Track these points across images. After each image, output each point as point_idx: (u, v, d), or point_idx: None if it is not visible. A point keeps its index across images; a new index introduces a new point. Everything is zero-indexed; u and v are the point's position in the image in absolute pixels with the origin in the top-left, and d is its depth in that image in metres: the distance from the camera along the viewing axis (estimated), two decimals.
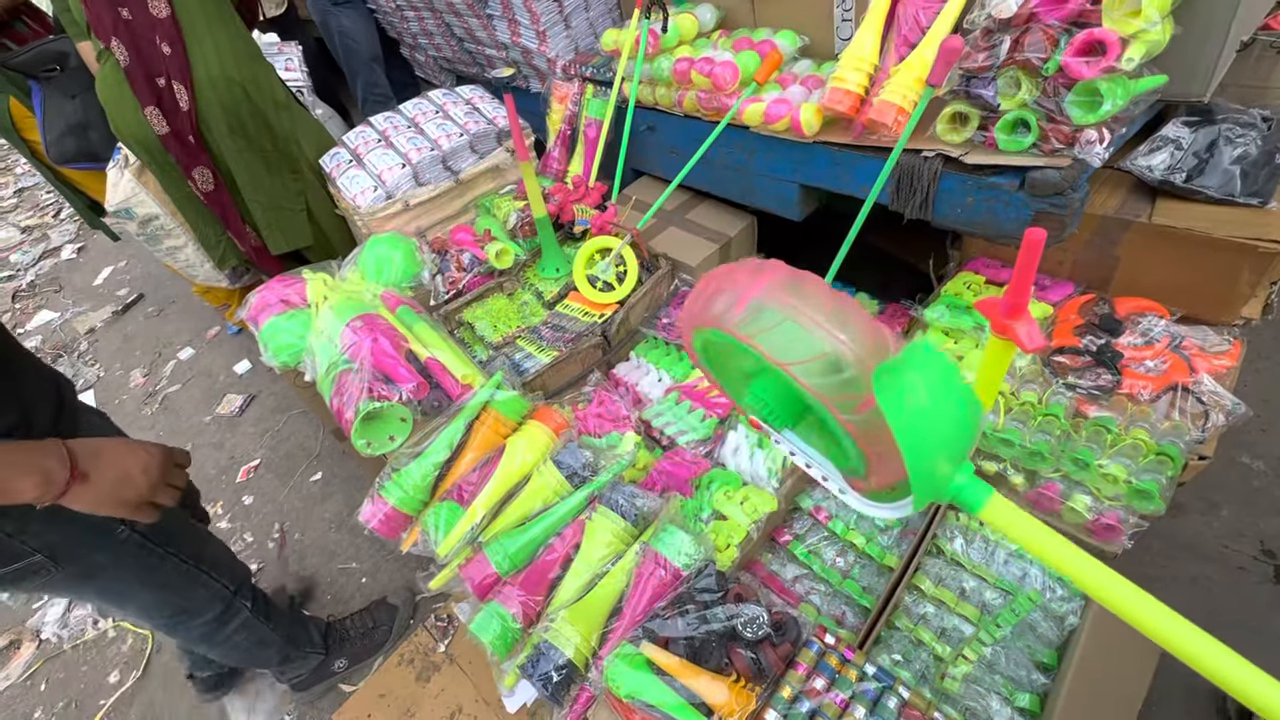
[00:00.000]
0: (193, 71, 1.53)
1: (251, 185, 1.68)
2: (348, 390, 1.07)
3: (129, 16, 1.46)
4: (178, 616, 1.17)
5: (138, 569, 1.06)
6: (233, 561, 1.27)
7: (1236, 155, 1.14)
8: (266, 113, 1.61)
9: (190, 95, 1.53)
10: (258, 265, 1.89)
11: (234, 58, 1.55)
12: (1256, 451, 1.45)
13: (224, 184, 1.68)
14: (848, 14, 1.31)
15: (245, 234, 1.78)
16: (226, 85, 1.55)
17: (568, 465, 1.01)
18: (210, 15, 1.53)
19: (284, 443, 2.11)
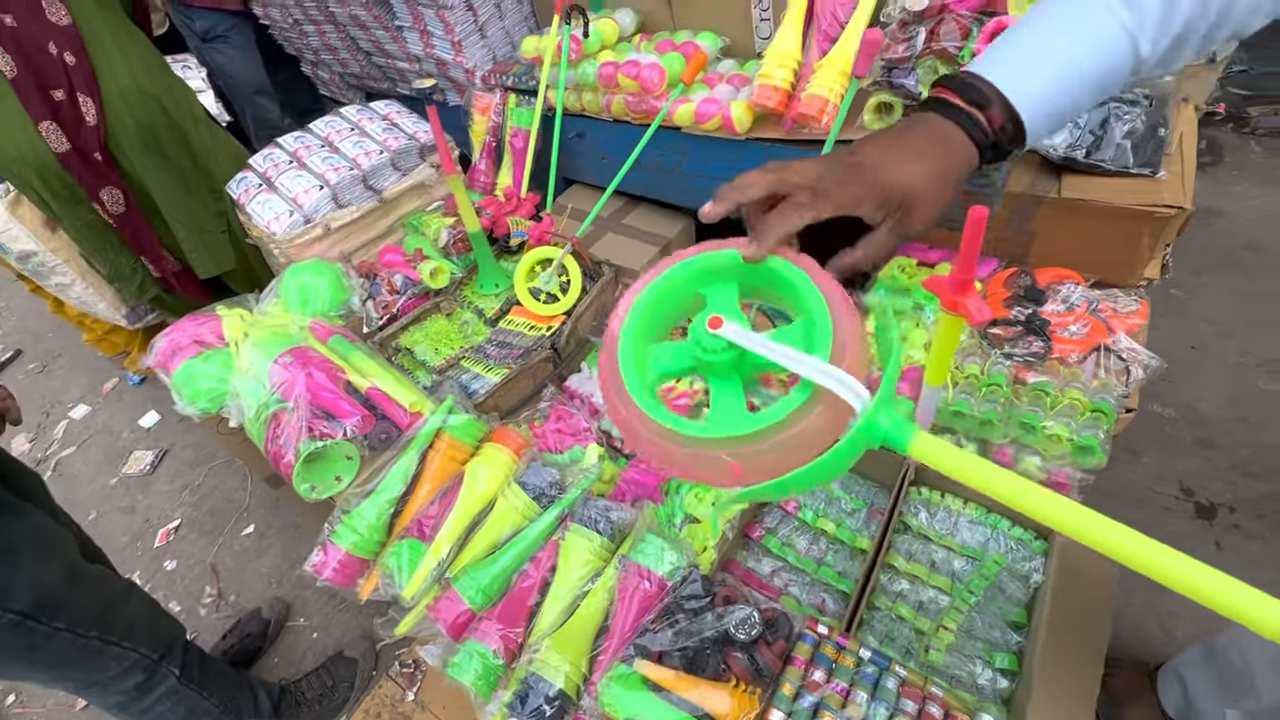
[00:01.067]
0: (101, 83, 1.38)
1: (172, 205, 1.54)
2: (284, 432, 0.99)
3: (13, 24, 1.30)
4: (88, 689, 1.04)
5: (19, 649, 0.93)
6: (155, 623, 1.13)
7: (1126, 131, 1.24)
8: (184, 127, 1.48)
9: (98, 108, 1.39)
10: (179, 291, 1.73)
11: (145, 69, 1.42)
12: (1165, 400, 1.58)
13: (137, 205, 1.53)
14: (765, 14, 1.34)
15: (163, 258, 1.63)
16: (140, 98, 1.41)
17: (534, 486, 0.96)
18: (114, 24, 1.39)
19: (207, 498, 1.93)
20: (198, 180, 1.54)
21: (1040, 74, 0.48)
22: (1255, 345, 1.69)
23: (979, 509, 1.11)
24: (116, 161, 1.47)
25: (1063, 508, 0.37)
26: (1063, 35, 0.48)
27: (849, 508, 1.18)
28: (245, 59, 2.17)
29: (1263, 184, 2.19)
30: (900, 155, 0.47)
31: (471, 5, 1.62)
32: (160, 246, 1.60)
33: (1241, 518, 1.36)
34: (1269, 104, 2.56)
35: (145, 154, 1.47)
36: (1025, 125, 0.48)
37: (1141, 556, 0.35)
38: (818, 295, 0.44)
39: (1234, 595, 0.33)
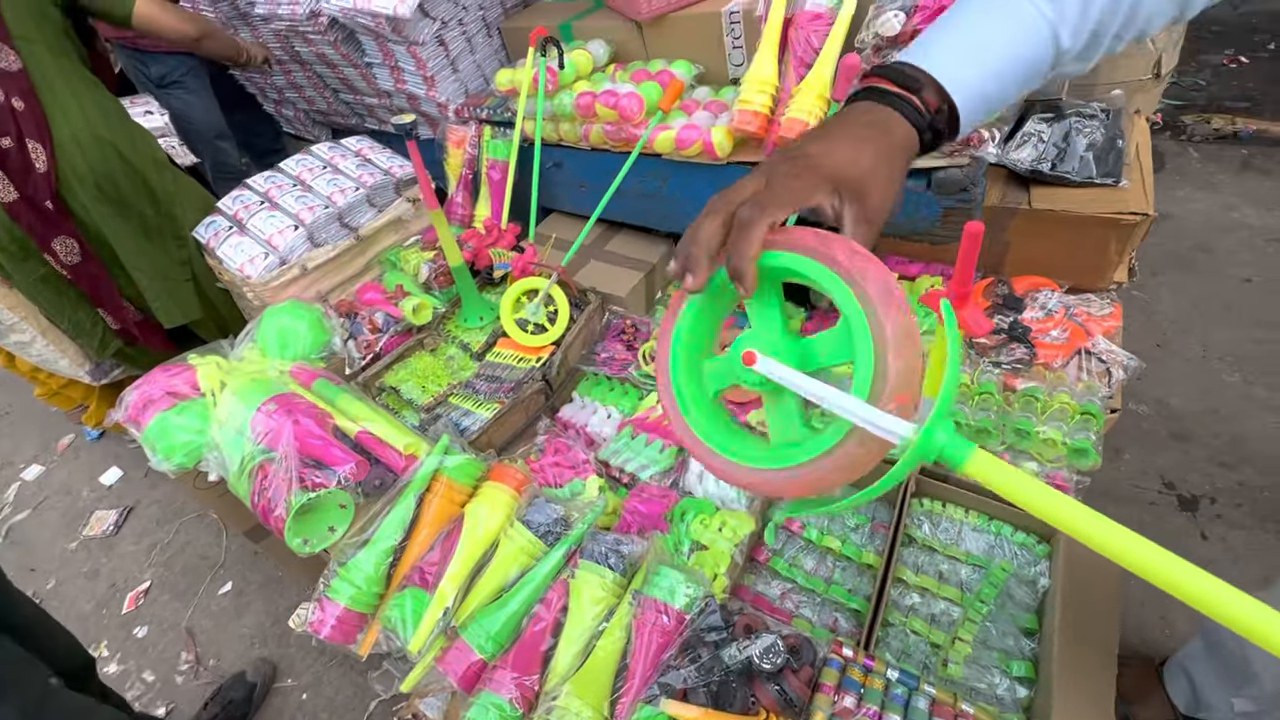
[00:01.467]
0: (53, 128, 1.33)
1: (133, 253, 1.48)
2: (273, 484, 0.94)
3: None
4: None
5: None
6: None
7: (1087, 143, 1.29)
8: (146, 173, 1.43)
9: (49, 154, 1.33)
10: (142, 342, 1.65)
11: (102, 115, 1.37)
12: (1140, 398, 1.64)
13: (94, 254, 1.46)
14: (738, 41, 1.37)
15: (123, 308, 1.56)
16: (96, 145, 1.36)
17: (538, 523, 0.94)
18: (68, 71, 1.34)
19: (178, 556, 1.83)
20: (160, 227, 1.49)
21: (969, 60, 0.49)
22: (1214, 340, 1.77)
23: (981, 516, 1.12)
24: (70, 209, 1.42)
25: (1132, 542, 0.36)
26: (989, 25, 0.50)
27: (852, 523, 1.18)
28: (202, 103, 2.12)
29: (1203, 188, 2.32)
30: (841, 143, 0.47)
31: (443, 40, 1.62)
32: (120, 297, 1.53)
33: (1223, 507, 1.40)
34: (1200, 113, 2.73)
35: (101, 201, 1.42)
36: (958, 109, 0.49)
37: (1201, 592, 0.34)
38: (850, 299, 0.42)
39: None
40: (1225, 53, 3.08)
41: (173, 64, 1.97)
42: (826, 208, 0.46)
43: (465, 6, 1.63)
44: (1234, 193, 2.26)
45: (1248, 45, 3.09)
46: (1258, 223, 2.12)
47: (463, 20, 1.64)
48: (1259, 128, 2.57)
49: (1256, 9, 3.34)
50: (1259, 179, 2.31)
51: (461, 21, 1.64)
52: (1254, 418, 1.56)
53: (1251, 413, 1.58)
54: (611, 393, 1.36)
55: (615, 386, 1.38)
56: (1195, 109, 2.76)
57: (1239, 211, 2.17)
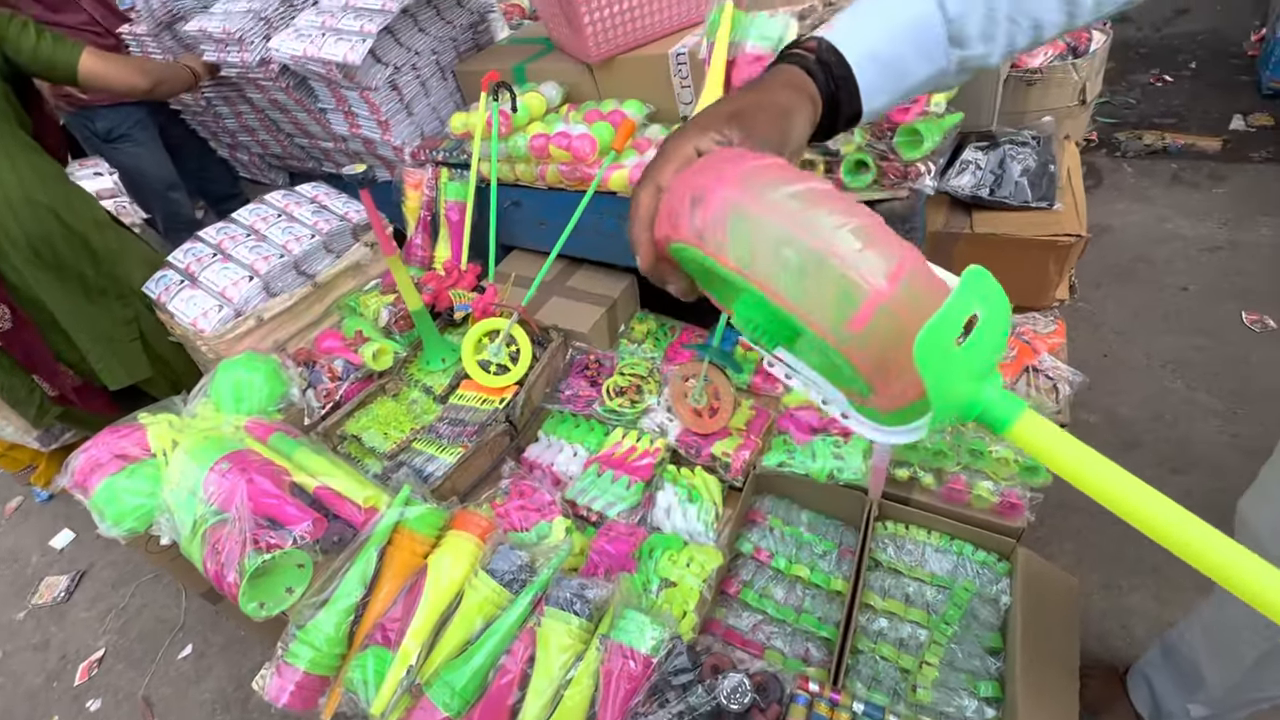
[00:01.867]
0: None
1: (72, 316, 1.44)
2: (225, 548, 0.92)
3: None
4: None
5: None
6: None
7: (1021, 169, 1.36)
8: (86, 234, 1.41)
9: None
10: (80, 408, 1.60)
11: (38, 179, 1.34)
12: (1089, 408, 1.70)
13: (26, 320, 1.42)
14: (685, 81, 1.41)
15: (59, 373, 1.51)
16: (30, 209, 1.33)
17: (503, 572, 0.93)
18: (3, 135, 1.31)
19: (134, 620, 1.75)
20: (103, 287, 1.46)
21: (852, 19, 0.51)
22: (1157, 348, 1.84)
23: (943, 537, 1.14)
24: (3, 275, 1.38)
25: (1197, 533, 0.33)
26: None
27: (820, 550, 1.19)
28: (152, 155, 2.07)
29: (1138, 201, 2.43)
30: (721, 101, 0.48)
31: (396, 85, 1.63)
32: (56, 362, 1.49)
33: None
34: (1132, 130, 2.88)
35: (37, 265, 1.39)
36: (844, 55, 0.50)
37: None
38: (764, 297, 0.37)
39: None
40: (1152, 72, 3.26)
41: (119, 117, 1.93)
42: (709, 145, 0.45)
43: (418, 51, 1.65)
44: (1166, 205, 2.38)
45: (1171, 65, 3.28)
46: (1190, 233, 2.23)
47: (416, 65, 1.66)
48: (1186, 142, 2.72)
49: (1177, 31, 3.56)
50: (1188, 191, 2.44)
51: (415, 66, 1.66)
52: (1198, 422, 1.63)
53: (1196, 417, 1.64)
54: (577, 430, 1.36)
55: (581, 423, 1.38)
56: (1128, 126, 2.91)
57: (1172, 223, 2.29)
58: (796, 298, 0.36)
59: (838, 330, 0.35)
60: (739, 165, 0.39)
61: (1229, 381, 1.71)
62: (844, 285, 0.34)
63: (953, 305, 0.33)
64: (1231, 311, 1.90)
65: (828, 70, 0.49)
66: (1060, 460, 0.35)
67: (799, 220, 0.36)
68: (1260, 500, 0.83)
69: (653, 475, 1.23)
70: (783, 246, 0.36)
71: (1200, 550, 0.32)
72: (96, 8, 1.88)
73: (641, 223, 0.44)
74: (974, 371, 0.35)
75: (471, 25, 1.81)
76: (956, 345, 0.33)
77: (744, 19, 1.22)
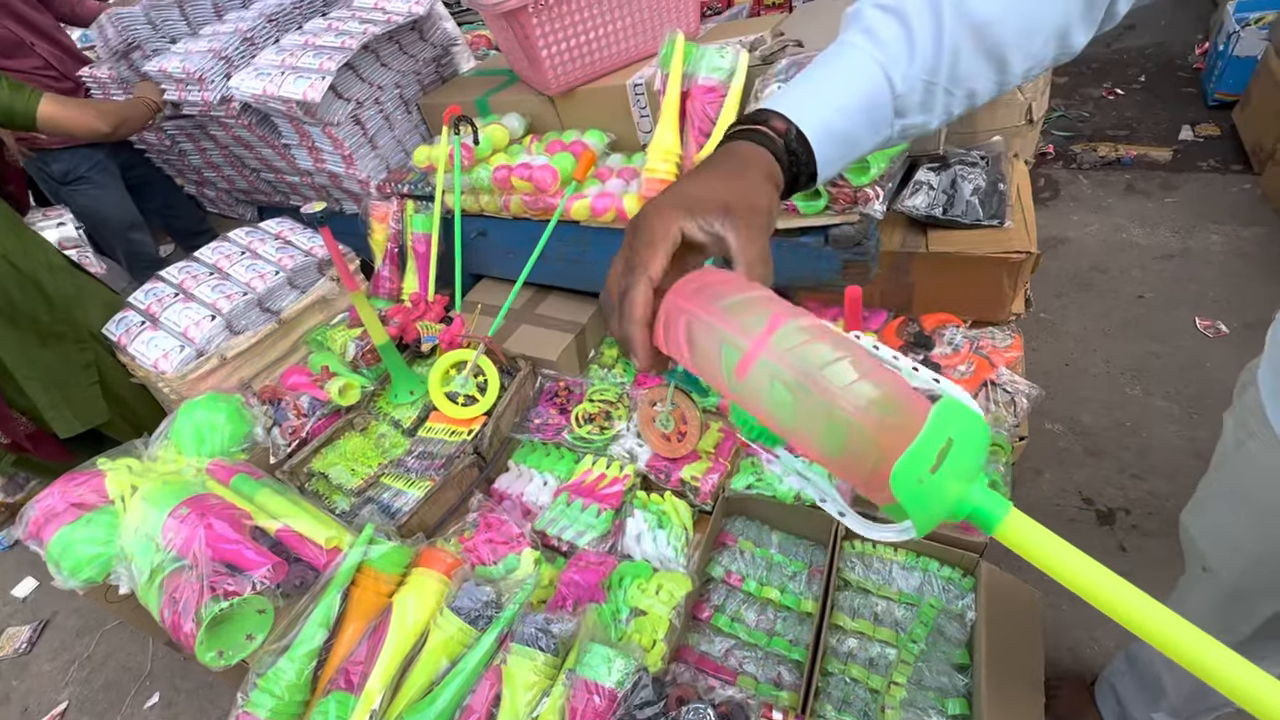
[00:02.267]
0: None
1: (24, 363, 1.41)
2: (182, 595, 0.90)
3: None
4: None
5: None
6: None
7: (972, 189, 1.40)
8: (39, 279, 1.39)
9: None
10: (34, 454, 1.56)
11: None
12: (1053, 417, 1.73)
13: None
14: (644, 111, 1.44)
15: (12, 420, 1.48)
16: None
17: (467, 609, 0.92)
18: None
19: (99, 670, 1.70)
20: (59, 332, 1.43)
21: (810, 95, 0.52)
22: (1115, 355, 1.89)
23: (908, 554, 1.15)
24: None
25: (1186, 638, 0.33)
26: (826, 69, 0.53)
27: (790, 571, 1.19)
28: (112, 196, 2.04)
29: (1095, 212, 2.51)
30: (690, 179, 0.48)
31: (359, 120, 1.64)
32: (8, 409, 1.46)
33: (1138, 518, 1.48)
34: (1087, 142, 2.98)
35: None
36: (806, 136, 0.50)
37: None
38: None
39: None
40: (1104, 86, 3.38)
41: (76, 159, 1.91)
42: (697, 234, 0.45)
43: (381, 86, 1.67)
44: (1122, 215, 2.46)
45: (1122, 78, 3.40)
46: (1145, 242, 2.30)
47: (379, 99, 1.67)
48: (1138, 153, 2.81)
49: (1126, 45, 3.70)
50: (1142, 200, 2.52)
51: (378, 100, 1.67)
52: (1157, 427, 1.67)
53: (1155, 423, 1.68)
54: (547, 458, 1.36)
55: (551, 451, 1.38)
56: (1083, 139, 3.01)
57: (1128, 232, 2.36)
58: (791, 427, 0.38)
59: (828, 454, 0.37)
60: (771, 327, 0.39)
61: (1185, 386, 1.76)
62: (834, 421, 0.37)
63: (924, 440, 0.35)
64: (1185, 317, 1.96)
65: (794, 158, 0.51)
66: (1047, 559, 0.36)
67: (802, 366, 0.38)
68: (1196, 511, 0.86)
69: (622, 502, 1.23)
70: (775, 381, 0.38)
71: (1191, 653, 0.33)
72: (52, 52, 1.87)
73: (637, 324, 0.43)
74: (960, 476, 0.36)
75: (435, 58, 1.83)
76: (931, 473, 0.35)
77: (695, 51, 1.26)
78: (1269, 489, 0.70)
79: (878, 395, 0.36)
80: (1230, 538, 0.79)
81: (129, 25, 1.72)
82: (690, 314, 0.42)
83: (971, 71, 0.52)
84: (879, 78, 0.51)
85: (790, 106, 0.51)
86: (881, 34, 0.51)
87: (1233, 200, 2.40)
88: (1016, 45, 0.51)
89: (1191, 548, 0.87)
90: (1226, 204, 2.39)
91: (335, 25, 1.61)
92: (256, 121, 1.67)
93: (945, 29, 0.50)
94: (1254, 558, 0.76)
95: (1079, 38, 0.52)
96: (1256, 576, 0.77)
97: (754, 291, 0.42)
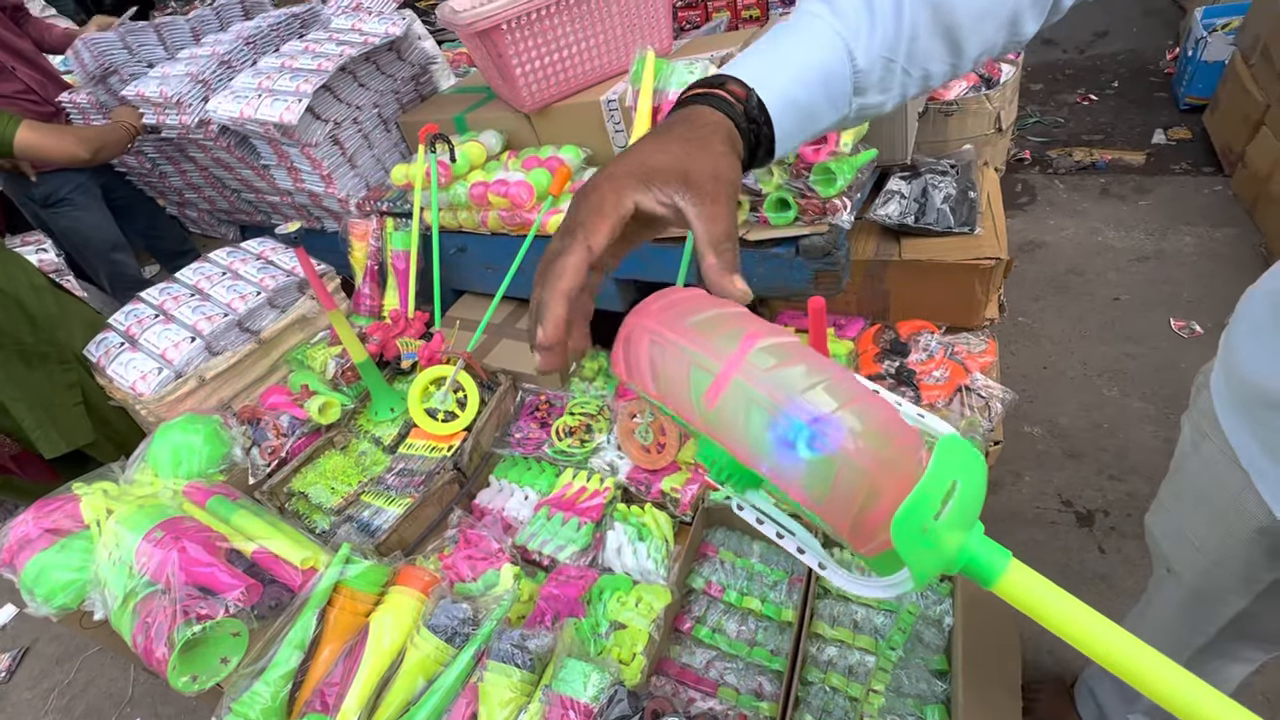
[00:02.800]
0: None
1: (8, 384, 1.41)
2: (155, 620, 0.90)
3: None
4: None
5: None
6: None
7: (943, 196, 1.42)
8: (22, 298, 1.38)
9: None
10: (21, 476, 1.55)
11: None
12: (1032, 420, 1.75)
13: None
14: (619, 126, 1.46)
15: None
16: None
17: (444, 627, 0.92)
18: None
19: (80, 697, 1.68)
20: (43, 353, 1.43)
21: (769, 63, 0.50)
22: (1092, 357, 1.91)
23: None
24: None
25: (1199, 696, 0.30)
26: (786, 38, 0.52)
27: (770, 580, 1.20)
28: (94, 218, 2.04)
29: (1070, 216, 2.55)
30: (643, 145, 0.45)
31: (338, 140, 1.65)
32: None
33: (1116, 519, 1.50)
34: (1062, 147, 3.02)
35: None
36: (765, 103, 0.48)
37: None
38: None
39: None
40: (1078, 92, 3.44)
41: (58, 182, 1.91)
42: (654, 206, 0.41)
43: (359, 106, 1.68)
44: (1097, 218, 2.49)
45: (1096, 84, 3.46)
46: (1120, 245, 2.34)
47: (357, 119, 1.68)
48: (1112, 157, 2.86)
49: (1099, 52, 3.77)
50: (1116, 204, 2.56)
51: (356, 120, 1.68)
52: (1135, 429, 1.69)
53: (1132, 424, 1.70)
54: (528, 473, 1.36)
55: (532, 465, 1.38)
56: (1058, 144, 3.05)
57: (1103, 235, 2.39)
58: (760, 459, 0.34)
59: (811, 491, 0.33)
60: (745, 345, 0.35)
61: (1162, 387, 1.78)
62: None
63: (929, 483, 0.31)
64: (1160, 319, 1.99)
65: (755, 126, 0.48)
66: (1051, 615, 0.33)
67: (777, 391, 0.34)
68: (1159, 513, 0.87)
69: (603, 515, 1.23)
70: (752, 406, 0.34)
71: (1197, 709, 0.30)
72: (32, 76, 1.88)
73: (559, 293, 0.39)
74: (960, 524, 0.33)
75: (414, 77, 1.85)
76: (935, 520, 0.32)
77: (666, 67, 1.27)
78: (1223, 491, 0.71)
79: (868, 425, 0.32)
80: (1191, 539, 0.80)
81: (105, 51, 1.73)
82: (654, 333, 0.38)
83: (928, 51, 0.52)
84: (840, 50, 0.50)
85: (749, 73, 0.48)
86: (843, 4, 0.50)
87: (1205, 202, 2.44)
88: (971, 28, 0.51)
89: (1156, 549, 0.88)
90: (1199, 206, 2.43)
91: (312, 47, 1.62)
92: (235, 143, 1.68)
93: (905, 6, 0.49)
94: (1214, 558, 0.77)
95: (1029, 26, 0.53)
96: (1218, 577, 0.78)
97: (726, 307, 0.38)
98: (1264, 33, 2.33)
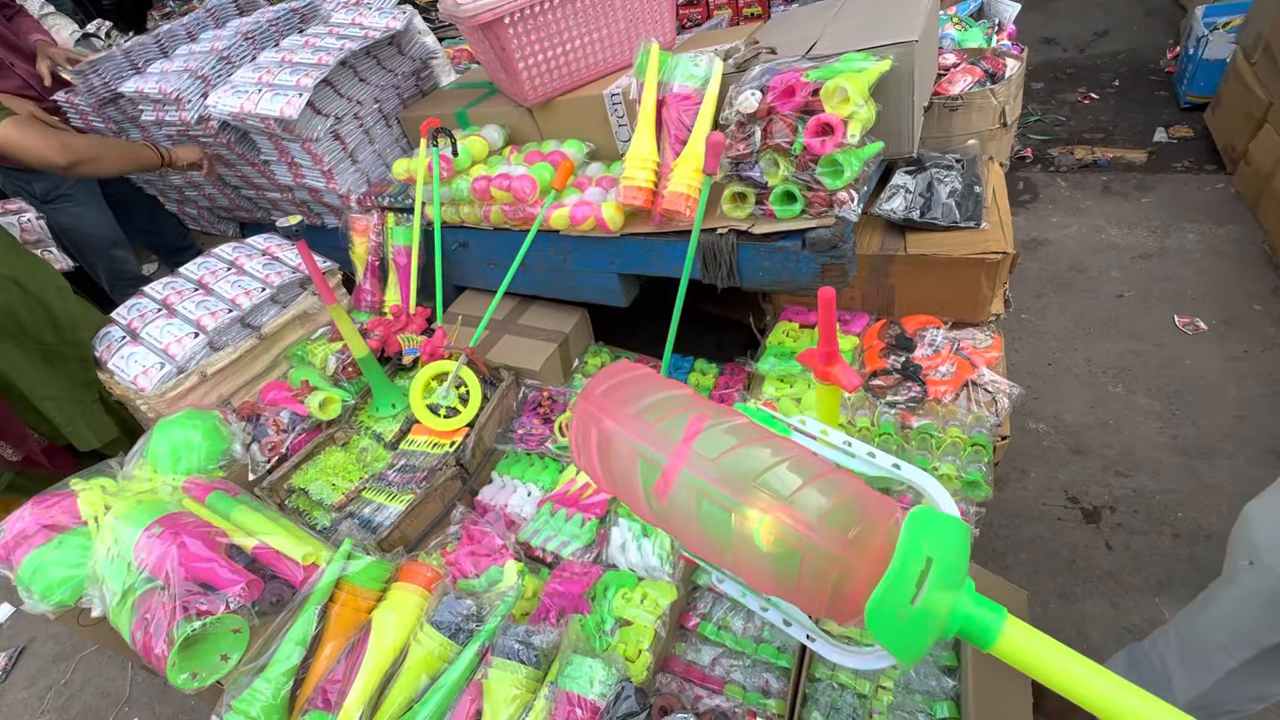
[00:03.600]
0: None
1: (37, 383, 1.41)
2: (154, 616, 0.88)
3: None
4: None
5: None
6: None
7: (949, 191, 1.41)
8: (48, 300, 1.38)
9: None
10: (49, 468, 1.54)
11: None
12: (1037, 416, 1.74)
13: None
14: (622, 120, 1.44)
15: (27, 436, 1.46)
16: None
17: (448, 623, 0.91)
18: None
19: (77, 697, 1.66)
20: (64, 352, 1.42)
21: None
22: (1097, 353, 1.90)
23: None
24: None
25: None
26: None
27: None
28: (94, 215, 2.01)
29: (1072, 214, 2.54)
30: None
31: (338, 135, 1.64)
32: (24, 427, 1.44)
33: (1122, 515, 1.48)
34: (1064, 146, 3.01)
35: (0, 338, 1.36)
36: None
37: None
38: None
39: None
40: (1079, 90, 3.43)
41: (58, 178, 1.89)
42: None
43: (360, 101, 1.67)
44: (1100, 216, 2.48)
45: (1097, 83, 3.46)
46: (1122, 242, 2.33)
47: (358, 114, 1.67)
48: (1114, 155, 2.85)
49: (1099, 51, 3.76)
50: (1119, 201, 2.55)
51: (357, 115, 1.67)
52: (1140, 425, 1.68)
53: (1137, 421, 1.69)
54: (531, 469, 1.35)
55: (535, 462, 1.37)
56: (1060, 142, 3.05)
57: (1105, 233, 2.39)
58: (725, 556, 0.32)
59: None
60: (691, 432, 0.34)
61: (1166, 384, 1.77)
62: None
63: (898, 568, 0.30)
64: (1164, 316, 1.98)
65: None
66: (1053, 673, 0.32)
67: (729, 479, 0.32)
68: (1266, 503, 0.85)
69: (607, 511, 1.22)
70: (704, 499, 0.32)
71: None
72: (30, 72, 1.86)
73: None
74: (945, 586, 0.31)
75: (414, 72, 1.83)
76: (913, 604, 0.30)
77: (670, 60, 1.26)
78: None
79: (830, 503, 0.31)
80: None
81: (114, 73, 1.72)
82: (599, 421, 0.35)
83: None
84: None
85: None
86: None
87: (1207, 199, 2.43)
88: None
89: (1243, 540, 0.86)
90: (1201, 203, 2.42)
91: (312, 42, 1.61)
92: (235, 139, 1.66)
93: None
94: None
95: None
96: None
97: (672, 389, 0.36)
98: (1266, 31, 2.33)
